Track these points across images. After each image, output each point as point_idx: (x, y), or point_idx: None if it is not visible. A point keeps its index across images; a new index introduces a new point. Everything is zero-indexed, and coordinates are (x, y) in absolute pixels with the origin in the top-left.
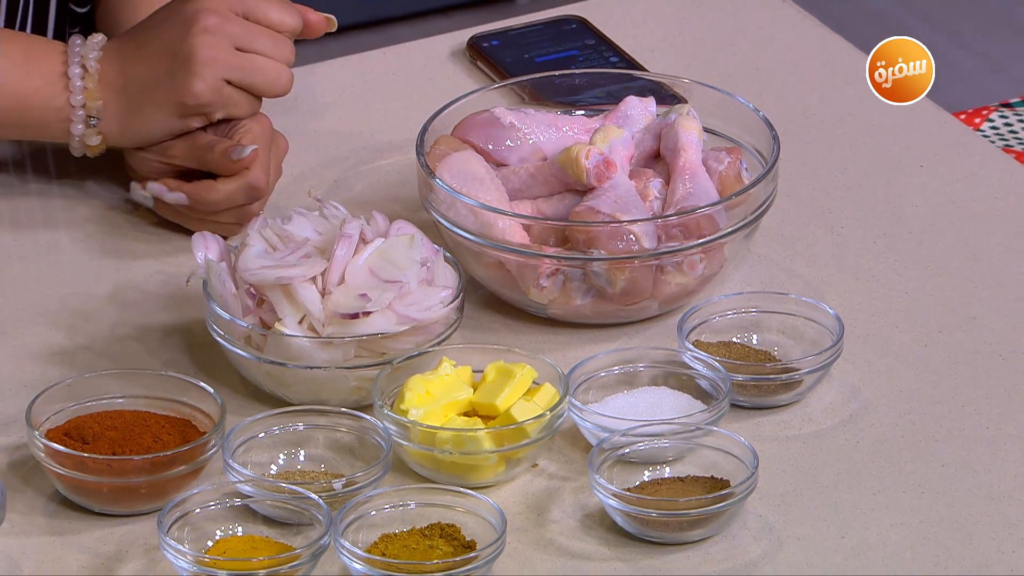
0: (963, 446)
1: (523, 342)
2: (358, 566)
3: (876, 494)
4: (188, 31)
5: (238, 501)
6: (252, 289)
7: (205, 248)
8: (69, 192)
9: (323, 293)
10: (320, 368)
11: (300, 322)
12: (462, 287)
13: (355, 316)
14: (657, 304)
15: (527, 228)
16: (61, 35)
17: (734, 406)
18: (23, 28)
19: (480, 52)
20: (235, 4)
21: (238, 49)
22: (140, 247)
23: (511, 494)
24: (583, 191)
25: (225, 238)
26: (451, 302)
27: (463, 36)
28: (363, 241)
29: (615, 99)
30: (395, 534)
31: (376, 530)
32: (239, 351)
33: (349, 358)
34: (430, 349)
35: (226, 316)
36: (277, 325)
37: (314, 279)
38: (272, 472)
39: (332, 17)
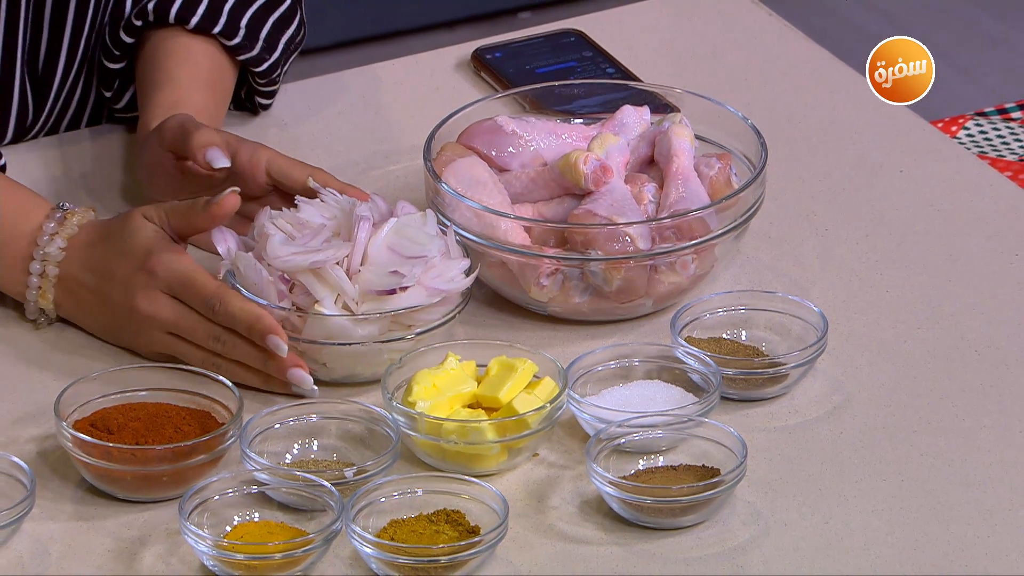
0: (940, 437)
1: (524, 338)
2: (368, 550)
3: (858, 482)
4: (129, 302)
5: (255, 488)
6: (284, 275)
7: (225, 242)
8: (95, 186)
9: (348, 273)
10: (359, 344)
11: (334, 302)
12: (473, 259)
13: (392, 292)
14: (651, 302)
15: (528, 230)
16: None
17: (724, 399)
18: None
19: (484, 63)
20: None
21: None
22: None
23: (513, 482)
24: (581, 195)
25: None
26: (471, 272)
27: (468, 48)
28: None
29: (611, 108)
30: (403, 520)
31: (385, 516)
32: None
33: (384, 332)
34: (449, 318)
35: (263, 302)
36: (316, 306)
37: (340, 261)
38: (287, 461)
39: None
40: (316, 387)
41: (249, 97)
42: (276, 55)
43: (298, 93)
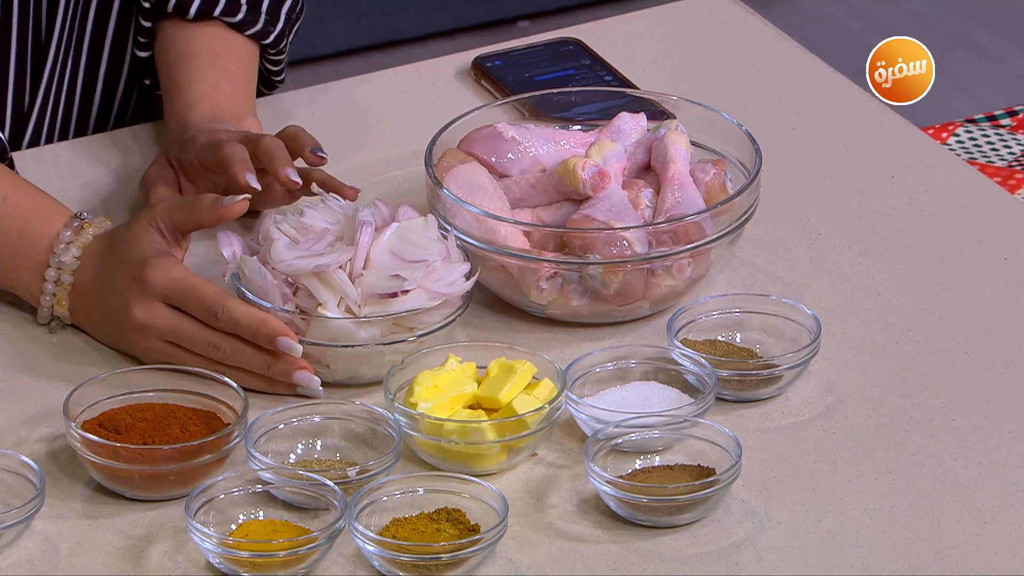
0: (931, 436)
1: (524, 340)
2: (370, 548)
3: (850, 481)
4: (126, 312)
5: (259, 487)
6: (289, 279)
7: (231, 245)
8: (100, 191)
9: (351, 277)
10: (361, 346)
11: (337, 305)
12: (473, 262)
13: (394, 295)
14: (648, 305)
15: (528, 234)
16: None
17: (719, 399)
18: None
19: (484, 71)
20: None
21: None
22: None
23: (512, 481)
24: (580, 200)
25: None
26: (472, 276)
27: (468, 57)
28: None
29: (609, 115)
30: (405, 518)
31: (387, 514)
32: None
33: (386, 334)
34: (450, 321)
35: (268, 305)
36: (320, 309)
37: (343, 265)
38: (291, 460)
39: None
40: (321, 388)
41: (261, 77)
42: (280, 25)
43: (302, 101)
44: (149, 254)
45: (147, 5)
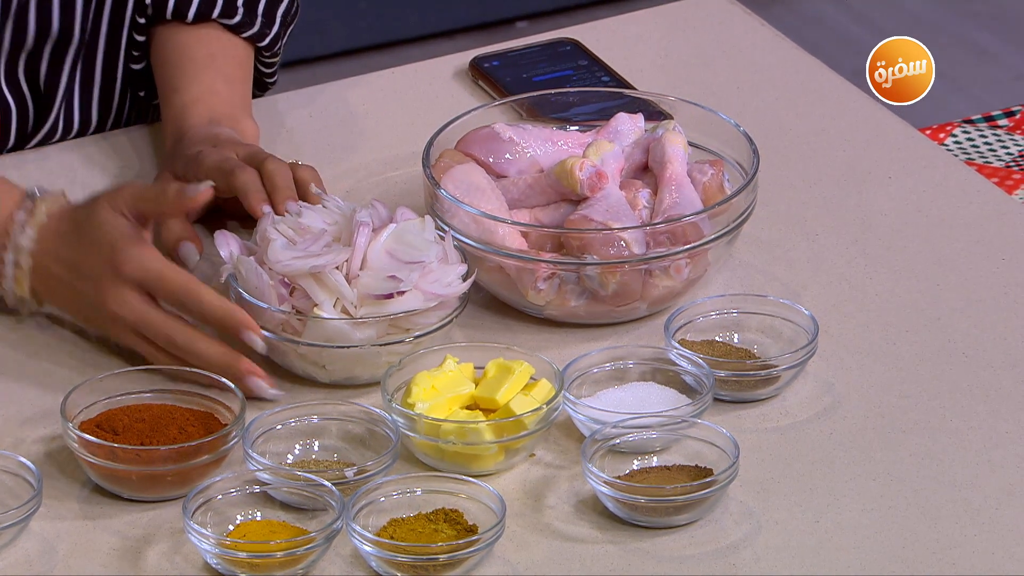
0: (928, 437)
1: (522, 341)
2: (368, 548)
3: (848, 481)
4: (99, 299)
5: (257, 488)
6: (285, 279)
7: (228, 246)
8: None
9: (347, 278)
10: (357, 347)
11: (334, 306)
12: (471, 264)
13: (389, 296)
14: (646, 305)
15: (525, 235)
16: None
17: (717, 400)
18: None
19: (481, 72)
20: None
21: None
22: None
23: (510, 482)
24: (577, 201)
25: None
26: (468, 277)
27: (466, 57)
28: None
29: (606, 115)
30: (403, 519)
31: (385, 515)
32: (278, 337)
33: (382, 335)
34: (447, 322)
35: (264, 306)
36: (315, 310)
37: (339, 265)
38: (289, 461)
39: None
40: (278, 390)
41: (254, 78)
42: (276, 28)
43: (300, 102)
44: (119, 239)
45: (142, 21)
